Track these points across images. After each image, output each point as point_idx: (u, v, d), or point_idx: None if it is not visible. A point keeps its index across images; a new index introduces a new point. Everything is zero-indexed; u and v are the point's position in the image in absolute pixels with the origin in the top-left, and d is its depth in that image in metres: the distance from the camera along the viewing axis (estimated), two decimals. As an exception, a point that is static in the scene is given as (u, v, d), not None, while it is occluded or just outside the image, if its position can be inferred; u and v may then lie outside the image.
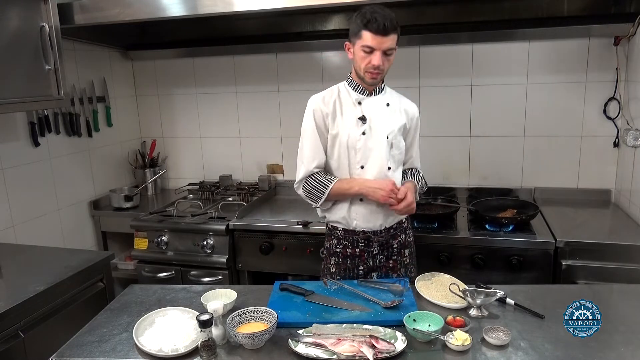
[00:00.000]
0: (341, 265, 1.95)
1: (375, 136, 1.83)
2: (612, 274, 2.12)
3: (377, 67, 1.73)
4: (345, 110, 1.86)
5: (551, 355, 1.31)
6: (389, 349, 1.32)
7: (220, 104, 3.32)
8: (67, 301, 1.93)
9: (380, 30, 1.67)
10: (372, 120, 1.84)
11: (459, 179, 2.99)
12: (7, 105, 2.13)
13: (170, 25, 2.91)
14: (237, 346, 1.41)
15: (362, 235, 1.90)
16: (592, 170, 2.77)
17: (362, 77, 1.81)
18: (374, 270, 1.94)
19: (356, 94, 1.87)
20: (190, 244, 2.69)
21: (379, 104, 1.87)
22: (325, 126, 1.86)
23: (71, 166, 2.92)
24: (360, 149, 1.83)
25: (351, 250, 1.93)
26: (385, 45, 1.70)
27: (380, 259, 1.94)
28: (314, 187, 1.86)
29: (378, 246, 1.92)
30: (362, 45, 1.72)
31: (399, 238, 1.96)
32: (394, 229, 1.94)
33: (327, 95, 1.89)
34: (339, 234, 1.94)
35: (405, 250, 1.98)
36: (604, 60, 2.62)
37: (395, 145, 1.87)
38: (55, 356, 1.41)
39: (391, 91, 1.95)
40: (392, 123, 1.87)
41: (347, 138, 1.83)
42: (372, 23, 1.67)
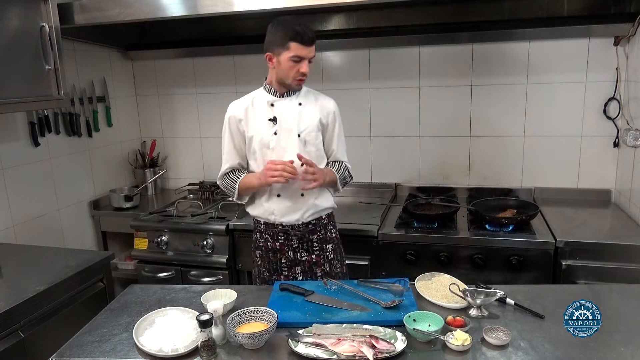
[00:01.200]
0: (265, 258, 2.05)
1: (287, 135, 1.93)
2: (612, 274, 2.12)
3: (304, 75, 1.87)
4: (259, 113, 1.96)
5: (551, 355, 1.31)
6: (389, 349, 1.32)
7: (220, 104, 3.28)
8: (67, 301, 1.93)
9: (308, 41, 1.82)
10: (283, 120, 1.94)
11: (459, 179, 2.99)
12: (7, 105, 2.13)
13: (170, 25, 2.91)
14: (237, 346, 1.41)
15: (280, 228, 1.99)
16: (592, 170, 2.77)
17: (288, 84, 1.91)
18: (297, 265, 2.03)
19: (270, 96, 1.97)
20: (190, 244, 2.69)
21: (291, 104, 1.96)
22: (239, 131, 1.99)
23: (71, 166, 2.92)
24: (274, 148, 1.94)
25: (272, 243, 2.02)
26: (311, 54, 1.85)
27: (301, 253, 2.02)
28: (227, 184, 2.03)
29: (297, 240, 2.01)
30: (290, 56, 1.83)
31: (318, 233, 2.03)
32: (313, 224, 2.01)
33: (242, 101, 2.02)
34: (261, 227, 2.04)
35: (327, 245, 2.05)
36: (604, 60, 2.62)
37: (310, 143, 1.95)
38: (55, 356, 1.41)
39: (308, 90, 2.03)
40: (304, 121, 1.95)
41: (261, 138, 1.94)
42: (300, 35, 1.80)
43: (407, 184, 3.06)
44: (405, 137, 3.01)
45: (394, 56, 2.93)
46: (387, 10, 2.78)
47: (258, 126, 1.95)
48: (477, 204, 2.57)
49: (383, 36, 2.88)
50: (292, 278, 2.02)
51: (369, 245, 2.44)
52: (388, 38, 2.88)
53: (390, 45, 2.91)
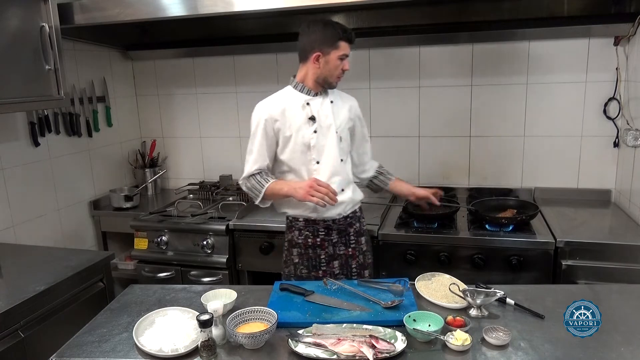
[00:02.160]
0: (304, 255, 2.07)
1: (326, 133, 1.99)
2: (612, 274, 2.12)
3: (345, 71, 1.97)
4: (295, 113, 1.99)
5: (551, 355, 1.31)
6: (389, 349, 1.32)
7: (220, 104, 3.32)
8: (67, 301, 1.94)
9: (352, 39, 1.94)
10: (320, 118, 1.99)
11: (459, 179, 2.99)
12: (7, 105, 2.13)
13: (170, 25, 2.90)
14: (237, 346, 1.41)
15: (322, 224, 2.03)
16: (592, 170, 2.77)
17: (329, 82, 1.98)
18: (335, 259, 2.07)
19: (303, 96, 2.01)
20: (190, 244, 2.69)
21: (325, 103, 2.02)
22: (274, 132, 1.99)
23: (71, 166, 2.92)
24: (314, 146, 1.97)
25: (312, 239, 2.05)
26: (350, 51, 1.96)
27: (340, 247, 2.07)
28: (252, 186, 2.03)
29: (337, 234, 2.06)
30: (339, 54, 1.92)
31: (355, 226, 2.10)
32: (350, 217, 2.08)
33: (275, 102, 2.02)
34: (300, 224, 2.06)
35: (361, 238, 2.13)
36: (604, 60, 2.62)
37: (344, 139, 2.04)
38: (55, 356, 1.41)
39: (332, 90, 2.08)
40: (338, 118, 2.03)
41: (301, 138, 1.97)
42: (348, 35, 1.91)
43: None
44: (405, 137, 3.01)
45: (394, 56, 2.93)
46: (387, 10, 2.78)
47: (296, 125, 1.97)
48: (477, 204, 2.57)
49: (383, 36, 2.88)
50: (329, 273, 2.05)
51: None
52: (388, 38, 2.88)
53: (390, 45, 2.91)
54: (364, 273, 2.11)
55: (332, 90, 2.06)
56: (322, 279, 1.97)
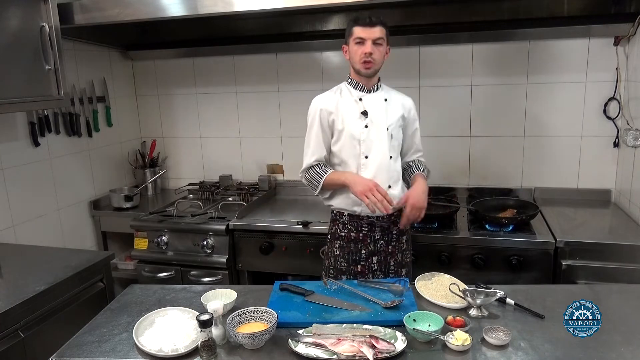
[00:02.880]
0: (345, 248, 2.10)
1: (377, 129, 2.01)
2: (612, 274, 2.12)
3: (369, 55, 1.93)
4: (348, 107, 2.04)
5: (551, 355, 1.31)
6: (389, 349, 1.32)
7: (220, 104, 3.32)
8: (67, 301, 1.93)
9: (367, 23, 1.92)
10: (372, 114, 2.02)
11: (459, 179, 2.99)
12: (7, 105, 2.13)
13: (170, 25, 2.90)
14: (237, 346, 1.41)
15: (366, 220, 2.06)
16: (592, 170, 2.77)
17: (358, 71, 2.00)
18: (375, 255, 2.08)
19: (357, 92, 2.05)
20: (190, 244, 2.70)
21: (377, 99, 2.05)
22: (328, 124, 2.05)
23: (71, 166, 2.92)
24: (364, 140, 2.01)
25: (355, 234, 2.08)
26: (373, 35, 1.92)
27: (381, 244, 2.08)
28: (312, 177, 2.07)
29: (380, 231, 2.07)
30: (354, 38, 1.95)
31: (398, 224, 2.09)
32: (395, 215, 2.08)
33: (331, 95, 2.08)
34: (344, 219, 2.09)
35: (403, 237, 2.13)
36: (604, 60, 2.62)
37: (395, 137, 2.05)
38: (55, 356, 1.41)
39: (388, 88, 2.13)
40: (390, 116, 2.05)
41: (352, 132, 2.01)
42: (360, 18, 1.94)
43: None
44: (405, 137, 3.01)
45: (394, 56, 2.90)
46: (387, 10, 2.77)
47: (349, 119, 2.02)
48: (477, 204, 2.57)
49: (383, 36, 2.88)
50: (367, 269, 2.07)
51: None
52: (388, 38, 2.88)
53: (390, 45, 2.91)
54: (401, 272, 2.11)
55: (387, 89, 2.10)
56: (360, 273, 2.03)
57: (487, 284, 1.58)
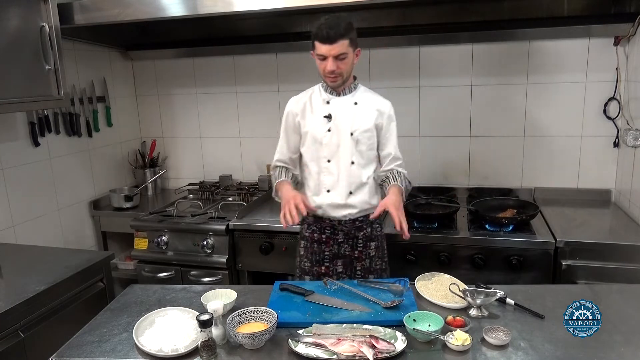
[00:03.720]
0: (309, 248, 2.10)
1: (340, 133, 1.97)
2: (612, 274, 2.12)
3: (331, 72, 1.87)
4: (316, 109, 2.02)
5: (551, 355, 1.31)
6: (389, 349, 1.32)
7: (220, 104, 3.32)
8: (67, 301, 1.93)
9: (325, 40, 1.82)
10: (337, 118, 1.98)
11: (459, 179, 2.99)
12: (7, 105, 2.13)
13: (170, 25, 2.91)
14: (237, 346, 1.41)
15: (328, 222, 2.05)
16: (592, 170, 2.77)
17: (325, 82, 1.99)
18: (339, 258, 2.07)
19: (326, 94, 2.03)
20: (190, 244, 2.69)
21: (346, 103, 2.00)
22: (295, 125, 2.06)
23: (71, 166, 2.92)
24: (327, 144, 1.99)
25: (318, 235, 2.08)
26: (334, 51, 1.83)
27: (345, 248, 2.07)
28: (273, 177, 2.13)
29: (343, 235, 2.06)
30: (316, 54, 1.89)
31: (365, 231, 2.07)
32: (360, 221, 2.05)
33: (301, 96, 2.08)
34: (309, 219, 2.10)
35: (371, 243, 2.09)
36: (604, 60, 2.62)
37: (362, 142, 1.98)
38: (55, 356, 1.41)
39: (365, 90, 2.05)
40: (358, 121, 1.98)
41: (315, 134, 2.00)
42: (318, 34, 1.83)
43: (407, 184, 3.07)
44: (406, 137, 2.99)
45: (394, 56, 2.93)
46: (387, 10, 2.78)
47: (313, 122, 2.01)
48: (477, 204, 2.57)
49: (383, 36, 2.88)
50: (332, 270, 2.06)
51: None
52: (388, 38, 2.88)
53: (390, 45, 2.91)
54: (368, 277, 2.06)
55: (364, 91, 2.03)
56: (325, 274, 2.00)
57: (487, 284, 1.58)
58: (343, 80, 1.94)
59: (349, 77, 1.97)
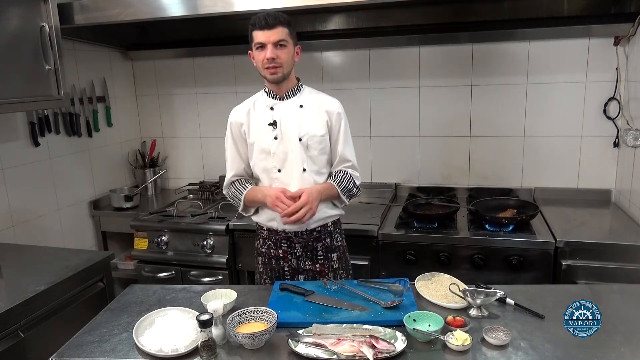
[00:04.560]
0: (267, 265, 1.99)
1: (288, 140, 1.86)
2: (612, 274, 2.12)
3: (272, 60, 1.76)
4: (260, 117, 1.90)
5: (551, 355, 1.31)
6: (389, 349, 1.32)
7: (220, 104, 3.32)
8: (67, 301, 1.93)
9: (263, 25, 1.74)
10: (283, 124, 1.87)
11: (459, 179, 2.99)
12: (7, 105, 2.13)
13: (170, 25, 2.91)
14: (237, 346, 1.41)
15: (283, 235, 1.93)
16: (592, 170, 2.77)
17: (265, 77, 1.84)
18: (300, 273, 1.96)
19: (269, 100, 1.91)
20: (190, 244, 2.69)
21: (291, 107, 1.89)
22: (241, 136, 1.93)
23: (71, 166, 2.92)
24: (274, 153, 1.86)
25: (275, 251, 1.96)
26: (273, 37, 1.75)
27: (305, 262, 1.95)
28: (233, 194, 1.98)
29: (301, 248, 1.94)
30: (255, 43, 1.78)
31: (323, 242, 1.95)
32: (317, 232, 1.93)
33: (244, 106, 1.95)
34: (264, 233, 1.99)
35: (333, 254, 1.98)
36: (604, 60, 2.62)
37: (313, 147, 1.86)
38: (55, 356, 1.41)
39: (310, 91, 1.94)
40: (305, 124, 1.87)
41: (261, 145, 1.88)
42: (255, 22, 1.76)
43: (407, 184, 3.07)
44: (405, 137, 3.01)
45: (394, 56, 2.93)
46: (387, 10, 2.78)
47: (258, 131, 1.88)
48: (477, 204, 2.57)
49: (383, 36, 2.88)
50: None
51: (369, 245, 2.44)
52: (388, 38, 2.88)
53: (390, 45, 2.91)
54: None
55: (309, 92, 1.92)
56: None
57: (487, 284, 1.58)
58: (284, 75, 1.81)
59: (290, 74, 1.85)
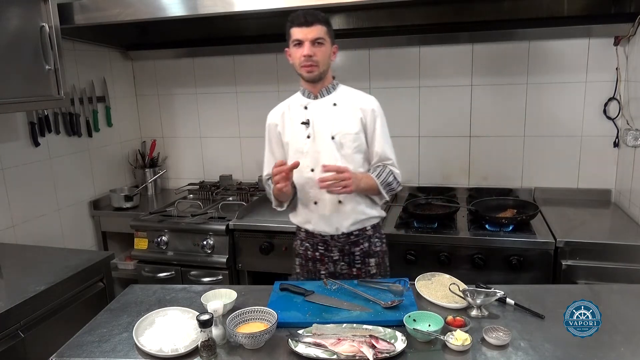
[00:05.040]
0: (304, 267, 1.99)
1: (321, 138, 1.85)
2: (612, 274, 2.12)
3: (309, 58, 1.77)
4: (294, 117, 1.91)
5: (551, 355, 1.31)
6: (389, 349, 1.32)
7: (220, 104, 3.32)
8: (67, 301, 1.94)
9: (302, 22, 1.76)
10: (315, 122, 1.86)
11: (459, 179, 2.99)
12: (7, 105, 2.13)
13: (170, 25, 2.90)
14: (237, 346, 1.41)
15: (320, 238, 1.92)
16: (592, 170, 2.77)
17: (301, 75, 1.85)
18: (336, 277, 1.91)
19: (304, 99, 1.92)
20: (190, 244, 2.69)
21: (324, 105, 1.88)
22: (277, 137, 1.96)
23: (71, 166, 2.92)
24: (307, 152, 1.86)
25: (312, 253, 1.96)
26: (310, 35, 1.75)
27: (342, 266, 1.93)
28: (267, 192, 2.02)
29: (338, 251, 1.91)
30: (292, 40, 1.79)
31: (362, 246, 1.92)
32: (355, 235, 1.90)
33: (280, 107, 1.98)
34: (302, 235, 1.99)
35: (371, 259, 1.94)
36: (604, 60, 2.62)
37: (346, 145, 1.84)
38: (55, 356, 1.41)
39: (345, 89, 1.92)
40: (339, 122, 1.85)
41: (295, 144, 1.89)
42: (294, 19, 1.78)
43: (407, 184, 3.06)
44: (405, 137, 3.01)
45: (394, 56, 2.93)
46: (387, 10, 2.78)
47: (292, 131, 1.90)
48: (477, 204, 2.57)
49: (383, 36, 2.88)
50: None
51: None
52: (388, 38, 2.88)
53: (390, 45, 2.91)
54: None
55: (344, 90, 1.90)
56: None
57: (487, 284, 1.58)
58: (320, 73, 1.80)
59: (327, 73, 1.85)
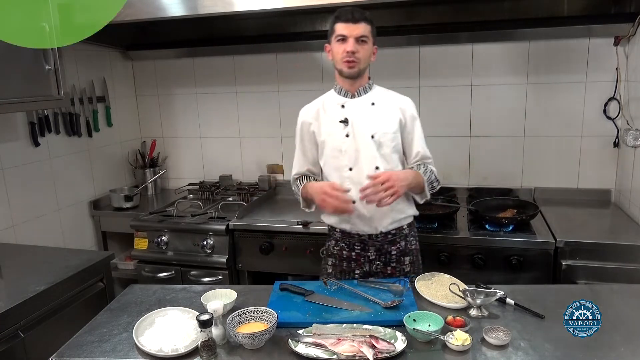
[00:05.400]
0: (337, 267, 1.96)
1: (360, 137, 1.83)
2: (612, 274, 2.12)
3: (351, 54, 1.76)
4: (330, 115, 1.88)
5: (551, 355, 1.31)
6: (389, 349, 1.32)
7: (220, 104, 3.32)
8: (67, 301, 1.94)
9: (349, 19, 1.75)
10: (355, 121, 1.84)
11: (459, 179, 2.99)
12: (7, 105, 2.13)
13: (170, 25, 2.91)
14: (237, 346, 1.41)
15: (357, 238, 1.90)
16: (592, 170, 2.77)
17: (340, 71, 1.83)
18: (371, 276, 1.91)
19: (341, 98, 1.89)
20: (190, 244, 2.69)
21: (363, 104, 1.87)
22: (310, 135, 1.93)
23: (71, 166, 2.92)
24: (346, 151, 1.84)
25: (347, 252, 1.93)
26: (356, 32, 1.75)
27: (377, 265, 1.91)
28: (294, 192, 2.02)
29: (375, 251, 1.90)
30: (336, 36, 1.78)
31: (398, 245, 1.92)
32: (392, 234, 1.90)
33: (313, 105, 1.95)
34: (337, 235, 1.95)
35: (406, 258, 1.94)
36: (604, 60, 2.62)
37: (385, 144, 1.83)
38: (55, 356, 1.41)
39: (380, 90, 1.93)
40: (378, 122, 1.84)
41: (333, 143, 1.86)
42: (341, 14, 1.77)
43: (407, 184, 3.06)
44: (405, 137, 3.00)
45: (394, 56, 2.93)
46: (387, 10, 2.78)
47: (329, 129, 1.86)
48: (477, 204, 2.57)
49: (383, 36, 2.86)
50: None
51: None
52: (388, 38, 2.87)
53: (390, 45, 2.91)
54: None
55: (380, 91, 1.91)
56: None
57: (487, 284, 1.58)
58: (359, 70, 1.81)
59: (365, 71, 1.86)
